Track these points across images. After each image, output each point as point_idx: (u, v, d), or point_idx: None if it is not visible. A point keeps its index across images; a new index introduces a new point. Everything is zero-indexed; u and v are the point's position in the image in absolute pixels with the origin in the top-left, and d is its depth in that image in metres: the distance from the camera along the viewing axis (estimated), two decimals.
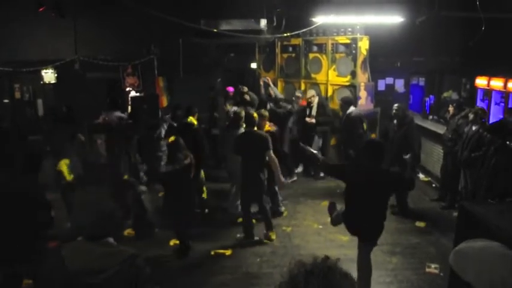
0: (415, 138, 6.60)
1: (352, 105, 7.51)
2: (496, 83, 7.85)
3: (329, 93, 8.61)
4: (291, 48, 9.48)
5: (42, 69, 10.33)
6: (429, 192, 7.58)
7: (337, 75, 8.49)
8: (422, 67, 10.85)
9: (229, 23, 9.09)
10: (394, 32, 8.02)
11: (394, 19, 6.83)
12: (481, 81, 8.36)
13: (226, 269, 5.06)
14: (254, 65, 10.90)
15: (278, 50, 9.72)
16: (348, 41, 8.26)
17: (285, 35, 8.67)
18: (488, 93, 8.23)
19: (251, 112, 5.98)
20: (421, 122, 8.52)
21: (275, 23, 9.05)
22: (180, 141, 5.27)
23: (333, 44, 8.50)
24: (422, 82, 11.09)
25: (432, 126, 8.30)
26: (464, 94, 9.39)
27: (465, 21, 8.04)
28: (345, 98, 7.67)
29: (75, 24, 9.82)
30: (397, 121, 6.61)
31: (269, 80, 8.63)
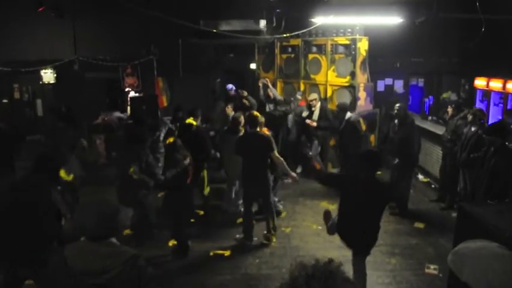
0: (414, 140, 6.59)
1: (348, 111, 7.40)
2: (495, 84, 7.87)
3: (328, 94, 8.60)
4: (290, 49, 9.48)
5: (42, 70, 10.33)
6: (428, 193, 7.58)
7: (337, 76, 8.48)
8: (421, 68, 10.87)
9: (229, 24, 9.09)
10: (393, 32, 8.03)
11: (393, 20, 6.83)
12: (480, 82, 8.38)
13: (225, 269, 5.06)
14: (253, 66, 10.90)
15: (277, 50, 9.71)
16: (347, 42, 8.26)
17: (285, 35, 8.67)
18: (487, 94, 8.25)
19: (256, 113, 5.88)
20: (420, 122, 8.52)
21: (274, 24, 9.05)
22: (178, 142, 5.25)
23: (332, 44, 8.50)
24: (421, 83, 11.12)
25: (431, 127, 8.30)
26: (463, 95, 9.41)
27: (464, 22, 8.07)
28: (341, 104, 7.54)
29: (74, 25, 9.82)
30: (398, 121, 6.62)
31: (268, 81, 8.62)
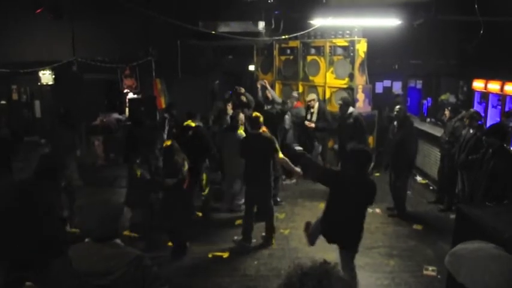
0: (412, 143, 6.59)
1: (351, 107, 7.52)
2: (493, 86, 7.87)
3: (327, 95, 8.61)
4: (289, 51, 9.50)
5: (40, 71, 10.30)
6: (426, 195, 7.58)
7: (335, 78, 8.50)
8: (419, 70, 10.88)
9: (228, 25, 9.07)
10: (391, 34, 8.03)
11: (391, 22, 6.85)
12: (478, 84, 8.39)
13: (224, 271, 5.05)
14: (252, 67, 10.90)
15: (276, 52, 9.73)
16: (346, 44, 8.28)
17: (283, 37, 8.67)
18: (485, 96, 8.26)
19: (257, 114, 5.87)
20: (418, 124, 8.55)
21: (273, 25, 9.04)
22: (175, 145, 5.22)
23: (330, 46, 8.52)
24: (419, 85, 11.11)
25: (429, 128, 8.32)
26: (461, 97, 9.41)
27: (462, 24, 8.08)
28: (345, 98, 7.66)
29: (72, 26, 9.79)
30: (397, 122, 6.64)
31: (266, 82, 8.62)
